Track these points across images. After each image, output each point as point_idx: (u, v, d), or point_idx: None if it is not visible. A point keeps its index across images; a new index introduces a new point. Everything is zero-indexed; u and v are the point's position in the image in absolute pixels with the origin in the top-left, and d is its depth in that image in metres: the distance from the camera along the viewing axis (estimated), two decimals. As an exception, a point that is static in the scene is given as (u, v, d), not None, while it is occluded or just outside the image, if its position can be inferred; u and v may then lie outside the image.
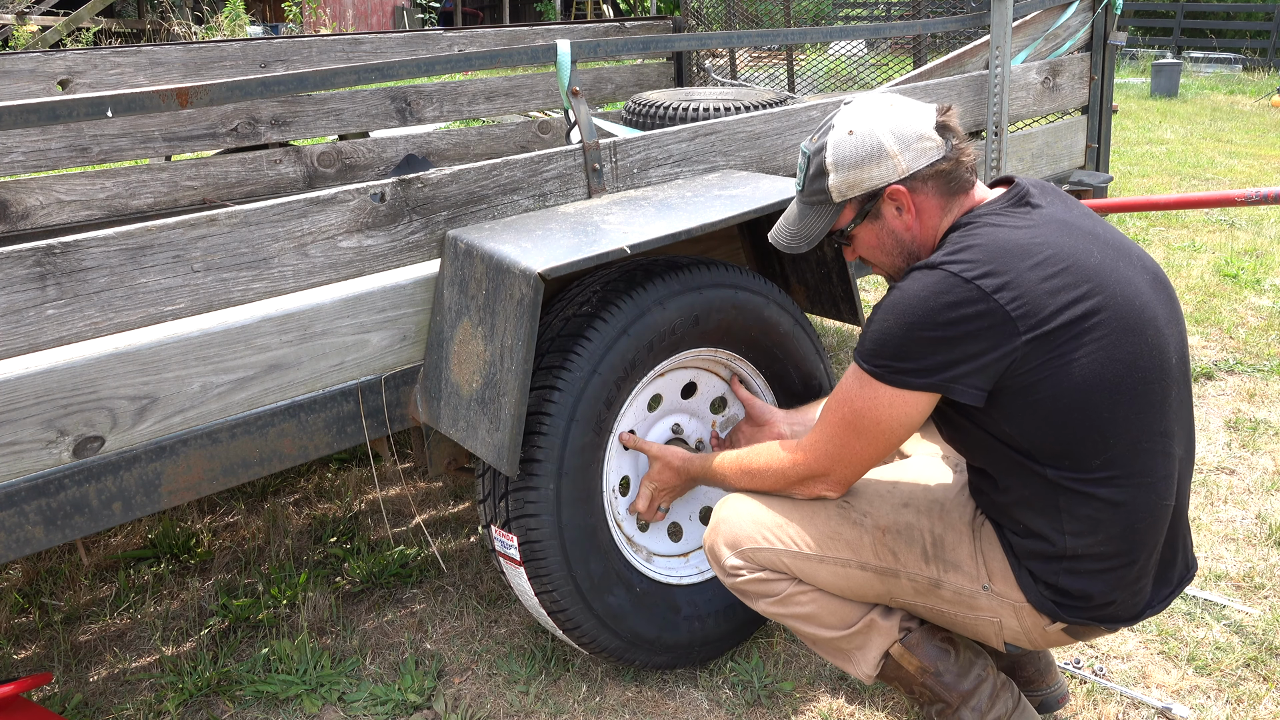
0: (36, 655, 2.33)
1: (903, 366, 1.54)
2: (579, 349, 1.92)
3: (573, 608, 1.97)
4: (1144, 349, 1.53)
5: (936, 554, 1.72)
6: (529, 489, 1.91)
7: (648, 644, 2.09)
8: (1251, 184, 7.10)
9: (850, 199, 1.65)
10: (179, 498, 1.68)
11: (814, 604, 1.80)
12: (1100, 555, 1.59)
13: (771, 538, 1.78)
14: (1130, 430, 1.54)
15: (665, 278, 2.00)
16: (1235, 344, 4.04)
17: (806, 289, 2.56)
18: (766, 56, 4.67)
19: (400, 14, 16.46)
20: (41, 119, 1.62)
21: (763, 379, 2.25)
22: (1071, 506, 1.57)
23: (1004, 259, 1.50)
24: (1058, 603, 1.63)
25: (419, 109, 3.62)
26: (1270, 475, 2.99)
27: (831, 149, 1.64)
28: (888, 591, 1.77)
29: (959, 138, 1.63)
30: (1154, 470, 1.57)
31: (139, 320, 1.59)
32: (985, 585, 1.68)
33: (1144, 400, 1.54)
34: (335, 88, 2.66)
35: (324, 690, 2.17)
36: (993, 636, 1.74)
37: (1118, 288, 1.53)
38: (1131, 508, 1.56)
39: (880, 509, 1.76)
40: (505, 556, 2.00)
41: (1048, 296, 1.48)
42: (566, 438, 1.91)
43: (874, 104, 1.65)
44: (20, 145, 2.95)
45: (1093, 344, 1.49)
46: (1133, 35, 16.63)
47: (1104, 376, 1.50)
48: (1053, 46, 3.31)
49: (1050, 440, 1.55)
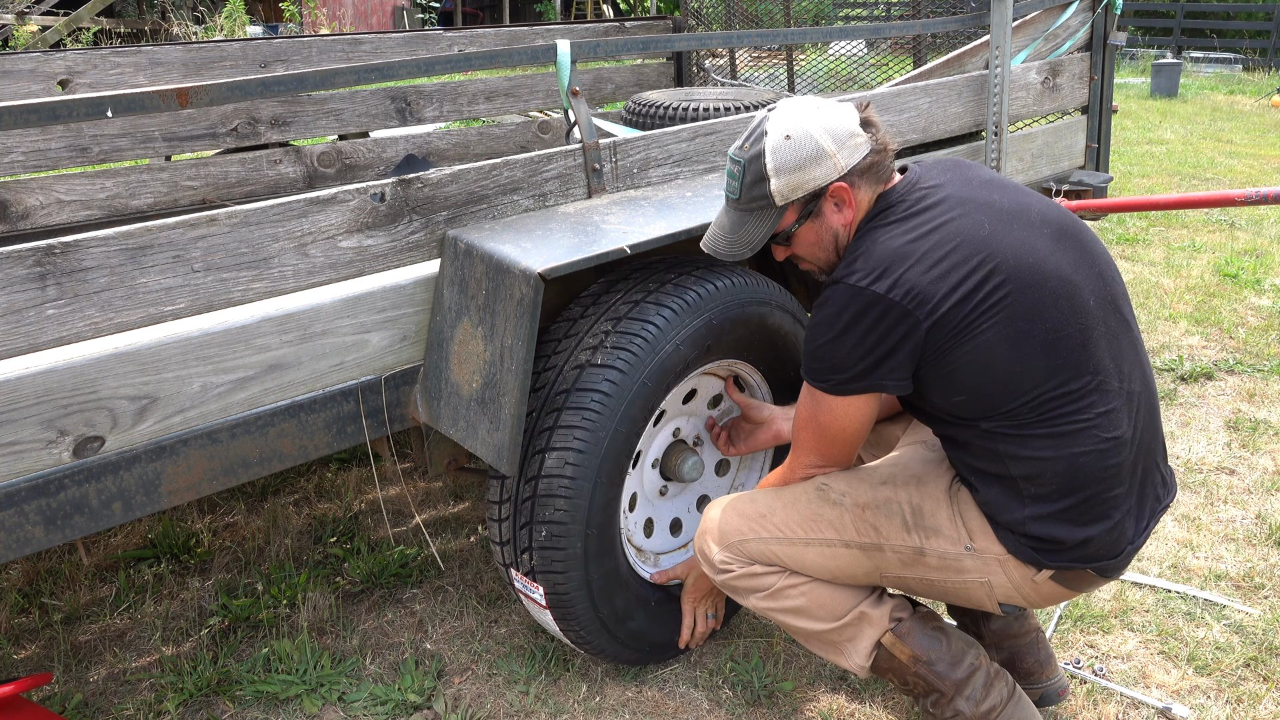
0: (36, 655, 2.33)
1: (841, 377, 1.66)
2: (597, 406, 1.87)
3: (598, 639, 2.04)
4: (1048, 300, 1.61)
5: (916, 522, 1.76)
6: (555, 549, 1.91)
7: (662, 648, 2.17)
8: (1251, 184, 7.10)
9: (793, 201, 1.70)
10: (179, 498, 1.68)
11: (804, 596, 1.83)
12: (1053, 495, 1.65)
13: (757, 528, 1.83)
14: (1053, 376, 1.61)
15: (676, 310, 1.94)
16: (1235, 344, 4.04)
17: (807, 289, 2.56)
18: (766, 56, 4.67)
19: (400, 14, 16.46)
20: (41, 119, 1.61)
21: (760, 375, 2.25)
22: (1013, 451, 1.65)
23: (889, 259, 1.61)
24: (1035, 549, 1.68)
25: (419, 109, 3.62)
26: (1270, 475, 2.99)
27: (770, 155, 1.68)
28: (875, 567, 1.80)
29: (879, 130, 1.71)
30: (1090, 407, 1.63)
31: (139, 320, 1.59)
32: (968, 545, 1.73)
33: (1060, 346, 1.61)
34: (335, 88, 2.66)
35: (324, 690, 2.17)
36: (985, 599, 1.77)
37: (1010, 251, 1.61)
38: (1070, 443, 1.63)
39: (858, 488, 1.82)
40: (528, 598, 2.02)
41: (938, 281, 1.58)
42: (592, 499, 1.90)
43: (802, 107, 1.71)
44: (20, 145, 2.95)
45: (992, 310, 1.59)
46: (1133, 35, 16.62)
47: (1008, 334, 1.59)
48: (1053, 46, 3.31)
49: (974, 402, 1.65)
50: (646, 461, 2.19)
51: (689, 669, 2.21)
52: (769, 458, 2.39)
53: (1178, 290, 4.67)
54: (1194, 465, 3.06)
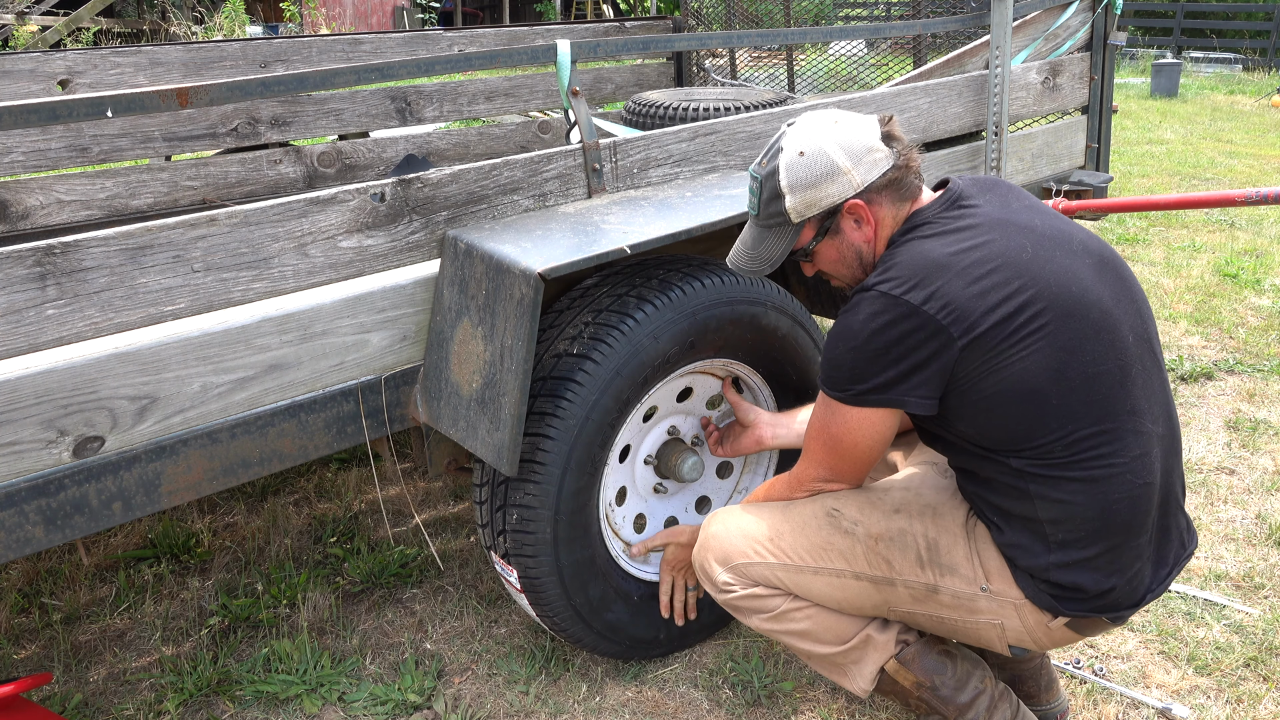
0: (36, 655, 2.33)
1: (860, 388, 1.59)
2: (570, 395, 1.88)
3: (573, 628, 2.04)
4: (1089, 333, 1.55)
5: (931, 558, 1.70)
6: (525, 533, 1.92)
7: (646, 644, 2.17)
8: (1251, 184, 7.10)
9: (809, 218, 1.67)
10: (179, 498, 1.68)
11: (809, 620, 1.78)
12: (1082, 541, 1.59)
13: (763, 551, 1.76)
14: (1089, 414, 1.55)
15: (658, 305, 1.95)
16: (1235, 344, 4.04)
17: (807, 289, 2.56)
18: (766, 56, 4.67)
19: (400, 14, 16.46)
20: (41, 119, 1.61)
21: (760, 378, 2.25)
22: (1043, 492, 1.58)
23: (929, 270, 1.54)
24: (1055, 596, 1.62)
25: (419, 109, 3.62)
26: (1270, 475, 2.99)
27: (785, 172, 1.65)
28: (885, 601, 1.75)
29: (904, 145, 1.66)
30: (1125, 450, 1.57)
31: (139, 320, 1.59)
32: (983, 586, 1.67)
33: (1099, 383, 1.55)
34: (335, 88, 2.66)
35: (324, 690, 2.17)
36: (995, 640, 1.72)
37: (1053, 278, 1.55)
38: (1104, 489, 1.56)
39: (871, 517, 1.74)
40: (507, 581, 2.05)
41: (977, 299, 1.52)
42: (561, 485, 1.91)
43: (819, 122, 1.67)
44: (20, 145, 2.95)
45: (1031, 337, 1.52)
46: (1133, 35, 16.62)
47: (1048, 366, 1.53)
48: (1053, 46, 3.31)
49: (1005, 435, 1.58)
50: (637, 456, 2.18)
51: (689, 669, 2.21)
52: (774, 463, 2.38)
53: (1178, 290, 4.67)
54: (1194, 465, 3.06)
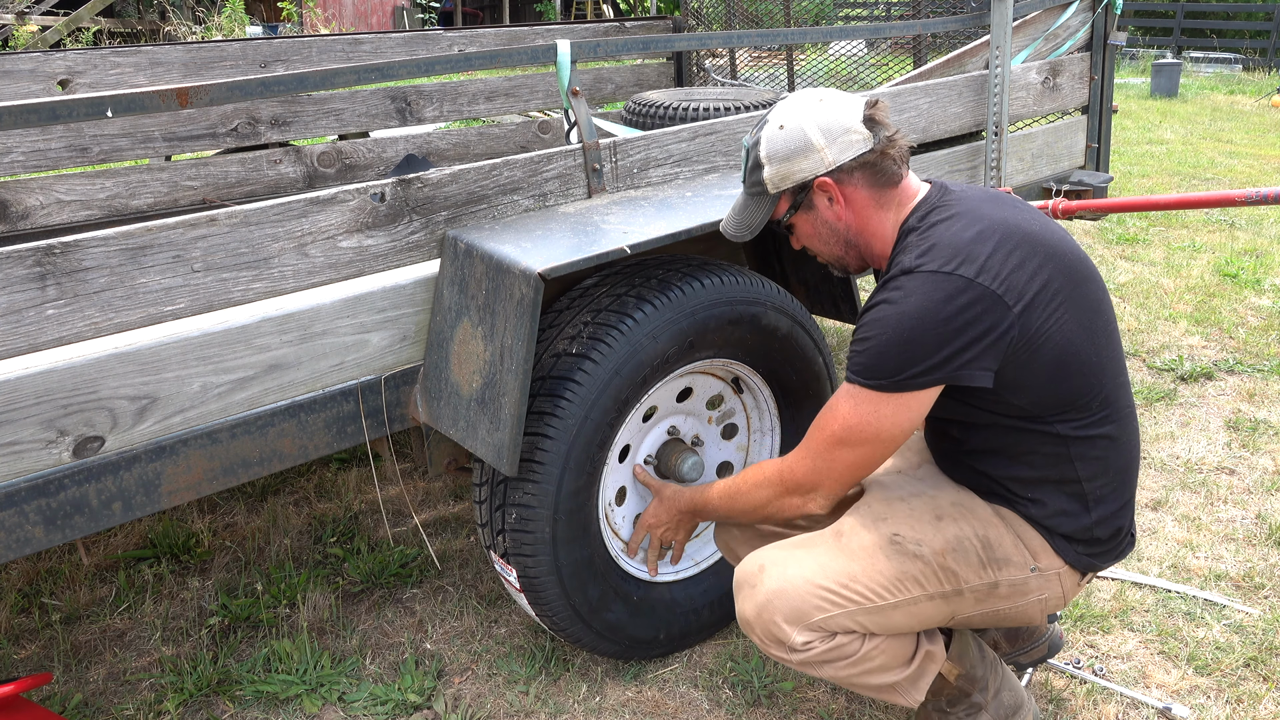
0: (36, 655, 2.33)
1: (913, 370, 1.56)
2: (569, 394, 1.88)
3: (573, 627, 2.04)
4: (1096, 296, 1.67)
5: (989, 556, 1.70)
6: (524, 532, 1.92)
7: (645, 644, 2.17)
8: (1251, 184, 7.10)
9: (784, 190, 1.72)
10: (179, 498, 1.68)
11: (883, 654, 1.72)
12: (1114, 493, 1.70)
13: (840, 600, 1.67)
14: (1110, 367, 1.67)
15: (657, 305, 1.94)
16: (1235, 344, 4.04)
17: (806, 288, 2.56)
18: (766, 56, 4.67)
19: (400, 14, 16.46)
20: (41, 119, 1.61)
21: (760, 378, 2.25)
22: (1083, 452, 1.67)
23: (969, 247, 1.59)
24: (1092, 554, 1.72)
25: (419, 109, 3.62)
26: (1270, 475, 2.99)
27: (765, 143, 1.71)
28: (952, 613, 1.73)
29: (887, 131, 1.68)
30: (1128, 402, 1.72)
31: (139, 320, 1.59)
32: (1033, 567, 1.71)
33: (1111, 339, 1.69)
34: (335, 88, 2.66)
35: (324, 690, 2.17)
36: (1038, 615, 1.77)
37: (1057, 248, 1.64)
38: (1126, 437, 1.70)
39: (926, 532, 1.71)
40: (506, 581, 2.05)
41: (1016, 270, 1.58)
42: (560, 485, 1.91)
43: (804, 100, 1.72)
44: (20, 145, 2.95)
45: (1062, 303, 1.61)
46: (1133, 35, 16.62)
47: (1080, 326, 1.62)
48: (1053, 46, 3.31)
49: (1057, 399, 1.63)
50: (637, 457, 2.18)
51: (689, 669, 2.21)
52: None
53: (1178, 290, 4.67)
54: (1194, 465, 3.06)
